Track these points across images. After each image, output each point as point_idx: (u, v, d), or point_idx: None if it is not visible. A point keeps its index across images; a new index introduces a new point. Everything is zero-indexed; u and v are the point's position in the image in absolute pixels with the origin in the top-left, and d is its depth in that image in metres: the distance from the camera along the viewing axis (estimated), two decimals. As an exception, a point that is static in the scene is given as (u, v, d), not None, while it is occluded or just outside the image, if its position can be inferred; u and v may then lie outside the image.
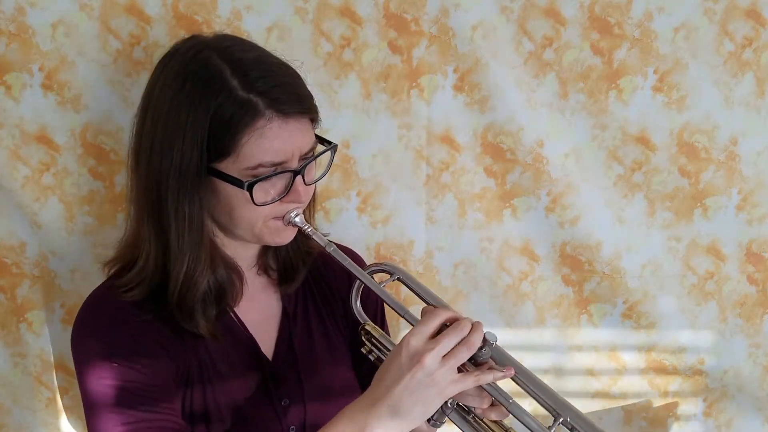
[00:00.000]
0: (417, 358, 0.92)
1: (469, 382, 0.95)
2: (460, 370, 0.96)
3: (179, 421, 1.04)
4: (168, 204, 1.02)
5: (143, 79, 1.34)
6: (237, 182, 1.00)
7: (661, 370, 1.62)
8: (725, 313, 1.60)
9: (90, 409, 1.04)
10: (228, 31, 1.31)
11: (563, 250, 1.54)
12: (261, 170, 1.00)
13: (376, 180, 1.48)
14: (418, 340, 0.94)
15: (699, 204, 1.54)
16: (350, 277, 1.13)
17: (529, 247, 1.54)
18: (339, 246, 1.29)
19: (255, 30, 1.34)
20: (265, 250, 1.20)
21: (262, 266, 1.20)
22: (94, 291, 1.12)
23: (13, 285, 1.38)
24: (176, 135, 1.00)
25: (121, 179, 1.38)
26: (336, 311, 1.25)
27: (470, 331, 0.95)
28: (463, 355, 0.94)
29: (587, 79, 1.47)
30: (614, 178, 1.53)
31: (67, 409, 1.45)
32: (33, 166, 1.34)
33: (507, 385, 1.00)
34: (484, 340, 0.97)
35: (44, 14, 1.28)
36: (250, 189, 1.00)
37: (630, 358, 1.61)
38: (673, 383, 1.63)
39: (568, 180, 1.50)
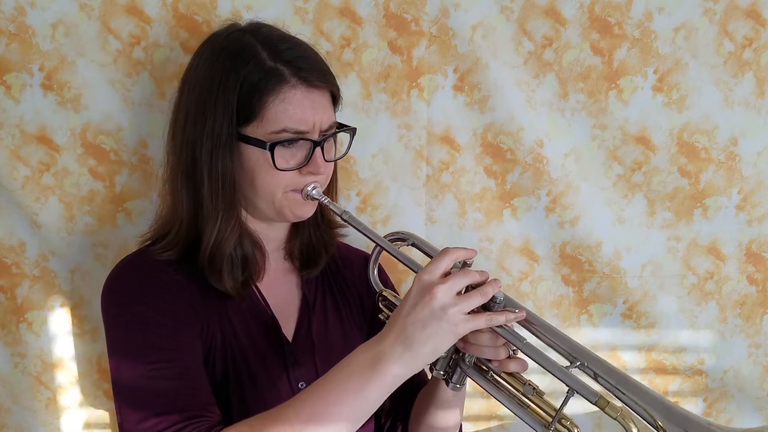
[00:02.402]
0: (429, 289, 0.93)
1: (481, 321, 0.95)
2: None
3: (197, 368, 1.07)
4: (202, 165, 1.09)
5: (143, 79, 1.34)
6: (260, 143, 1.07)
7: (661, 370, 1.62)
8: (725, 313, 1.60)
9: (115, 356, 1.06)
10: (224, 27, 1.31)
11: (563, 250, 1.54)
12: (285, 135, 1.07)
13: (376, 180, 1.48)
14: (430, 276, 0.95)
15: (699, 204, 1.54)
16: (366, 269, 1.18)
17: (529, 247, 1.54)
18: (347, 246, 1.31)
19: (255, 30, 1.34)
20: (293, 236, 1.25)
21: (288, 251, 1.25)
22: (129, 254, 1.17)
23: (13, 285, 1.38)
24: (209, 101, 1.08)
25: (122, 179, 1.38)
26: (352, 304, 1.29)
27: (486, 283, 0.96)
28: (476, 300, 0.94)
29: (587, 79, 1.47)
30: (614, 178, 1.53)
31: (67, 409, 1.45)
32: (33, 166, 1.34)
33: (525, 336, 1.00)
34: (493, 297, 0.98)
35: (44, 14, 1.28)
36: (272, 149, 1.06)
37: (630, 358, 1.61)
38: (673, 383, 1.63)
39: (568, 180, 1.50)
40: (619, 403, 0.96)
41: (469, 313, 0.94)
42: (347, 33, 1.39)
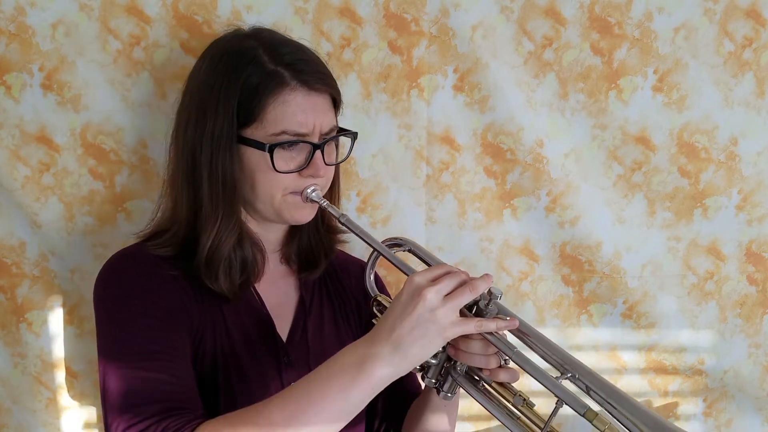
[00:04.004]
0: (418, 292, 0.93)
1: (471, 326, 0.95)
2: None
3: (185, 365, 1.06)
4: (202, 168, 1.10)
5: (143, 79, 1.34)
6: (260, 145, 1.07)
7: (661, 370, 1.62)
8: (725, 313, 1.60)
9: (103, 346, 1.06)
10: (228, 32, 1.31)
11: (563, 250, 1.54)
12: (285, 137, 1.08)
13: (376, 180, 1.48)
14: (421, 279, 0.95)
15: (699, 204, 1.54)
16: (364, 275, 1.18)
17: (529, 247, 1.54)
18: (345, 254, 1.32)
19: (255, 30, 1.34)
20: (290, 239, 1.25)
21: (285, 254, 1.25)
22: (124, 248, 1.16)
23: (13, 285, 1.38)
24: (210, 103, 1.09)
25: (121, 179, 1.38)
26: (349, 310, 1.29)
27: (477, 278, 0.96)
28: (466, 297, 0.94)
29: (587, 79, 1.47)
30: (614, 178, 1.53)
31: (67, 409, 1.45)
32: (33, 166, 1.34)
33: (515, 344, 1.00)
34: (490, 293, 0.98)
35: (44, 14, 1.28)
36: (271, 151, 1.07)
37: (630, 358, 1.61)
38: (673, 383, 1.63)
39: (568, 180, 1.50)
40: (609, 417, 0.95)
41: (460, 317, 0.94)
42: (347, 33, 1.39)
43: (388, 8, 1.39)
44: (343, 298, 1.29)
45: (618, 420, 0.93)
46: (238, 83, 1.07)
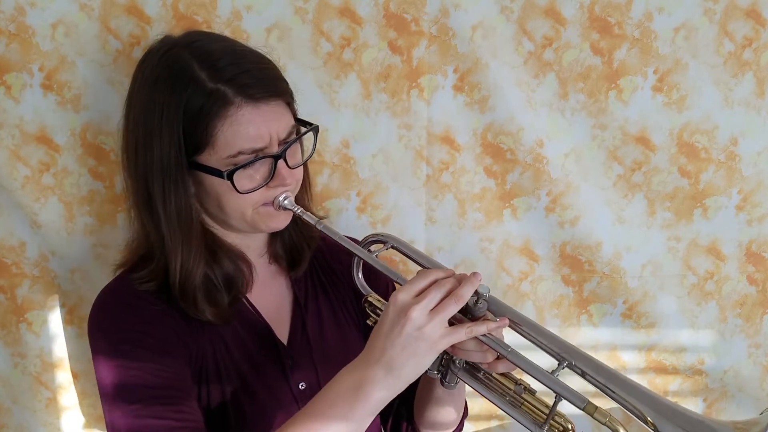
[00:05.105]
0: (404, 312, 0.92)
1: (461, 334, 0.94)
2: (453, 323, 0.95)
3: (187, 403, 1.05)
4: (156, 199, 1.05)
5: (143, 79, 1.34)
6: (217, 173, 1.02)
7: (661, 370, 1.62)
8: (725, 313, 1.60)
9: (104, 393, 1.05)
10: (227, 32, 1.31)
11: (563, 250, 1.54)
12: (242, 158, 1.02)
13: (376, 180, 1.48)
14: (404, 296, 0.94)
15: (699, 204, 1.54)
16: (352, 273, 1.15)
17: (529, 247, 1.54)
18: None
19: (255, 30, 1.34)
20: (272, 239, 1.22)
21: (272, 255, 1.23)
22: (110, 282, 1.13)
23: (13, 285, 1.39)
24: (154, 133, 1.03)
25: (121, 179, 1.37)
26: (345, 296, 1.27)
27: (462, 284, 0.94)
28: (451, 309, 0.93)
29: (587, 79, 1.47)
30: (614, 178, 1.53)
31: (67, 409, 1.45)
32: (33, 166, 1.34)
33: (512, 337, 1.00)
34: (477, 293, 0.96)
35: (44, 14, 1.28)
36: (230, 178, 1.02)
37: (630, 358, 1.61)
38: (673, 383, 1.63)
39: (568, 180, 1.50)
40: (607, 406, 0.95)
41: (449, 325, 0.93)
42: (347, 33, 1.39)
43: (388, 8, 1.39)
44: (336, 285, 1.27)
45: (618, 403, 0.93)
46: (179, 108, 1.00)
